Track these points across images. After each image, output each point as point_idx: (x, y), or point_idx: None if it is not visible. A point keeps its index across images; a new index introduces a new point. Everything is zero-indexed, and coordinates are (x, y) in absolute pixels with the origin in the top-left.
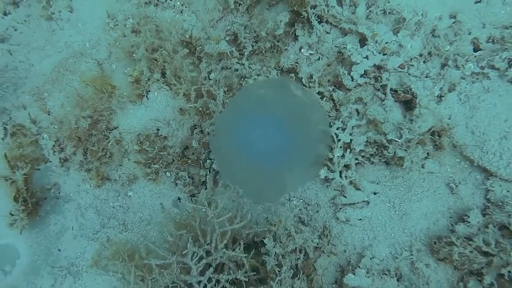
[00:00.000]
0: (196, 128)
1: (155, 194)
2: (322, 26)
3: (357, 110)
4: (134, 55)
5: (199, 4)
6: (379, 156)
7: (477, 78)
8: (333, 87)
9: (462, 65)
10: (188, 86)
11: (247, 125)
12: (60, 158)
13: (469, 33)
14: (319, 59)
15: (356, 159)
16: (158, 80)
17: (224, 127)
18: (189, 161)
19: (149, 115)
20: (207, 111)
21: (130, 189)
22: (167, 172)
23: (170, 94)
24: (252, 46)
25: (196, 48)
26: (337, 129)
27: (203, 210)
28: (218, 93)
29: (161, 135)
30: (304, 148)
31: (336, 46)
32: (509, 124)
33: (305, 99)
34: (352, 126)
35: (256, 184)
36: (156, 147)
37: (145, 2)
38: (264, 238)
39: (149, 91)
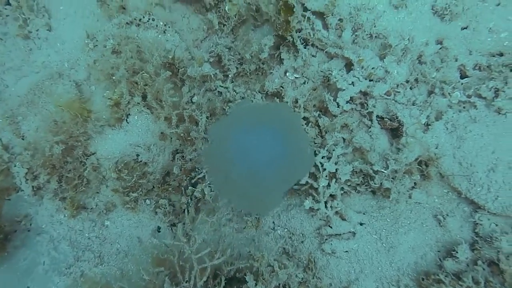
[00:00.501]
0: (178, 153)
1: (133, 224)
2: (308, 49)
3: (343, 138)
4: (114, 77)
5: (182, 24)
6: (365, 186)
7: (464, 107)
8: (318, 112)
9: (449, 93)
10: (169, 111)
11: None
12: (33, 187)
13: (456, 60)
14: (304, 83)
15: (342, 188)
16: (138, 103)
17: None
18: (170, 188)
19: (128, 140)
20: (189, 137)
21: (107, 218)
22: (147, 200)
23: (151, 118)
24: (237, 68)
25: (178, 70)
26: (322, 157)
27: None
28: (201, 119)
29: (141, 161)
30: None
31: (321, 71)
32: (497, 156)
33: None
34: (338, 155)
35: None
36: (135, 175)
37: (126, 22)
38: (246, 275)
39: (129, 114)
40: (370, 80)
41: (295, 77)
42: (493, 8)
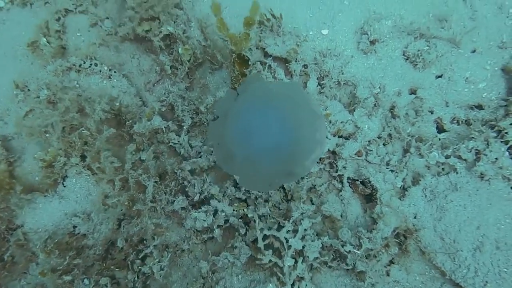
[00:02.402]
0: (124, 220)
1: None
2: None
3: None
4: (47, 134)
5: (132, 65)
6: (338, 261)
7: (443, 169)
8: None
9: (426, 154)
10: (111, 176)
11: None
12: None
13: (432, 113)
14: None
15: (311, 265)
16: (77, 164)
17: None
18: (113, 266)
19: (64, 209)
20: (134, 209)
21: None
22: (85, 279)
23: (92, 180)
24: (192, 118)
25: (125, 121)
26: (287, 232)
27: None
28: (148, 184)
29: (78, 233)
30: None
31: None
32: (482, 233)
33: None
34: (305, 229)
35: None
36: (68, 257)
37: (63, 69)
38: None
39: (66, 176)
40: (339, 137)
41: None
42: (468, 55)
